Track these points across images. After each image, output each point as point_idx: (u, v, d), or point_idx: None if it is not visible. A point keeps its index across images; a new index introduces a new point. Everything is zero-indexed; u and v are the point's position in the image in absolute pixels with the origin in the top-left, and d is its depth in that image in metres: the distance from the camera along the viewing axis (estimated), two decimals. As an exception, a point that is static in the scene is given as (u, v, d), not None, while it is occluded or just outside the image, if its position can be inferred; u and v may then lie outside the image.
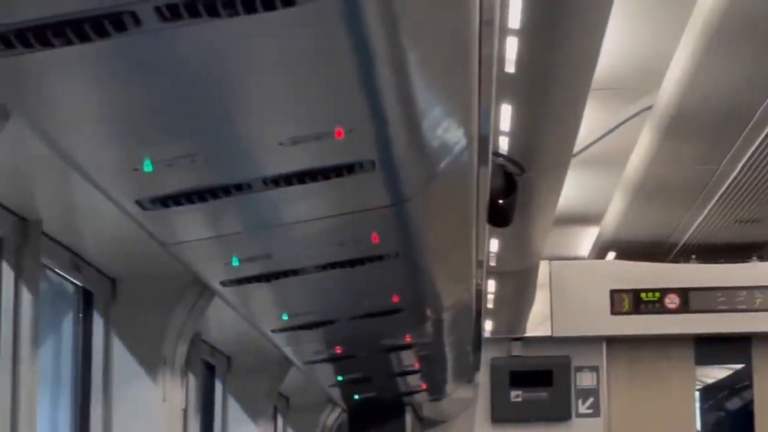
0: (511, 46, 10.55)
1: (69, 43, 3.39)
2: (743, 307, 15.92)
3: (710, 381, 18.21)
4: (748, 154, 12.60)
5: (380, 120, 5.26)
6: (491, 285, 14.14)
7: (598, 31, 10.61)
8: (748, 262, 16.58)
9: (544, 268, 16.66)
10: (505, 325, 17.23)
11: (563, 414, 17.52)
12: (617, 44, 10.83)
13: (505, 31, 10.25)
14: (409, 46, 4.43)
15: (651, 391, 17.33)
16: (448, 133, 6.23)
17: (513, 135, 11.35)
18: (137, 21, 3.30)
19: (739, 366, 17.34)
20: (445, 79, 5.65)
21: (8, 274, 6.70)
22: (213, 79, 4.07)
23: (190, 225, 5.93)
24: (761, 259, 16.27)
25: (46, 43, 3.40)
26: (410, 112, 5.46)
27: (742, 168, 12.78)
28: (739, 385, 17.61)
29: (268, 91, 4.33)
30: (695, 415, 17.45)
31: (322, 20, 3.64)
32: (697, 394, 17.69)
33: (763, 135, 12.76)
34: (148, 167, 4.61)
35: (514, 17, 10.00)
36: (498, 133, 10.27)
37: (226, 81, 4.12)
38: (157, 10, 3.24)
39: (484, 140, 7.24)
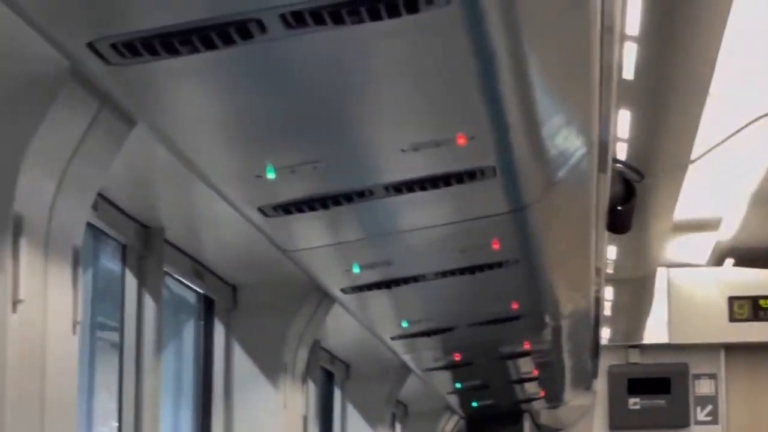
0: (630, 52, 10.54)
1: (195, 51, 3.40)
2: None
3: None
4: None
5: (502, 126, 5.18)
6: (609, 292, 14.02)
7: (715, 36, 10.40)
8: None
9: (661, 275, 16.74)
10: (623, 332, 17.15)
11: (681, 421, 17.42)
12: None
13: (623, 37, 10.19)
14: (531, 52, 4.39)
15: None
16: (569, 139, 6.20)
17: (631, 141, 11.21)
18: (262, 28, 3.29)
19: None
20: (567, 85, 5.59)
21: (131, 282, 6.80)
22: (335, 86, 4.06)
23: (311, 232, 5.91)
24: None
25: (172, 51, 3.43)
26: (531, 119, 5.39)
27: None
28: None
29: (391, 98, 4.29)
30: None
31: (445, 27, 3.61)
32: None
33: None
34: (270, 174, 4.64)
35: (633, 23, 9.95)
36: (616, 139, 10.14)
37: (348, 88, 4.08)
38: (282, 17, 3.23)
39: (603, 147, 7.27)
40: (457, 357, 10.45)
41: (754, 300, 16.24)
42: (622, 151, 10.80)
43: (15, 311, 3.96)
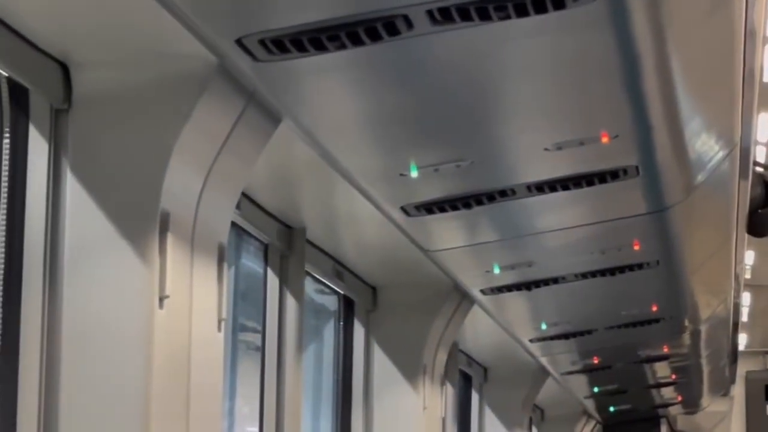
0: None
1: (342, 47, 3.36)
2: None
3: None
4: None
5: (645, 126, 5.12)
6: (746, 297, 13.73)
7: None
8: None
9: None
10: (761, 338, 17.03)
11: None
12: None
13: (766, 41, 9.88)
14: (675, 53, 4.31)
15: None
16: (710, 141, 6.19)
17: None
18: (409, 24, 3.24)
19: None
20: (710, 88, 5.52)
21: (273, 281, 6.74)
22: (479, 84, 4.03)
23: (452, 232, 5.83)
24: None
25: (319, 48, 3.38)
26: (675, 120, 5.30)
27: None
28: None
29: (534, 96, 4.21)
30: None
31: (590, 25, 3.53)
32: None
33: None
34: (414, 173, 4.60)
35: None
36: (756, 142, 9.93)
37: (491, 86, 4.03)
38: (429, 13, 3.17)
39: (745, 150, 7.12)
40: (596, 360, 10.32)
41: None
42: (762, 155, 10.56)
43: (162, 307, 3.97)
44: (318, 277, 6.50)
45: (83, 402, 3.97)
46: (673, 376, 11.49)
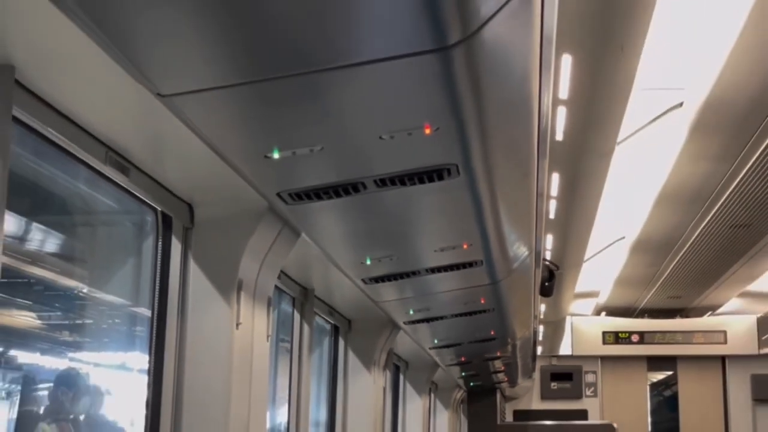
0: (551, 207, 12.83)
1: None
2: (671, 341, 23.61)
3: (654, 380, 25.01)
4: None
5: (487, 236, 5.84)
6: (541, 329, 19.61)
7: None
8: (675, 318, 23.82)
9: (568, 320, 23.77)
10: (548, 348, 23.59)
11: (578, 395, 24.21)
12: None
13: (548, 197, 11.84)
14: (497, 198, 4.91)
15: (625, 384, 24.37)
16: (519, 249, 7.22)
17: (552, 251, 14.23)
18: None
19: (669, 372, 24.56)
20: (519, 216, 6.26)
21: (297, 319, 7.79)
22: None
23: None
24: (683, 316, 23.58)
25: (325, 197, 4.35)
26: (484, 232, 5.88)
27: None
28: (670, 382, 24.94)
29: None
30: (647, 397, 24.71)
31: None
32: (647, 387, 24.78)
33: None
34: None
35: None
36: (544, 248, 12.27)
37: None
38: None
39: (538, 252, 8.82)
40: (463, 359, 12.94)
41: (615, 333, 23.80)
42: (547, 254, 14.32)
43: (237, 329, 5.09)
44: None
45: (197, 383, 5.06)
46: (503, 368, 15.13)
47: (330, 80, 3.17)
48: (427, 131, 3.66)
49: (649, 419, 24.13)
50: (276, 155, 3.78)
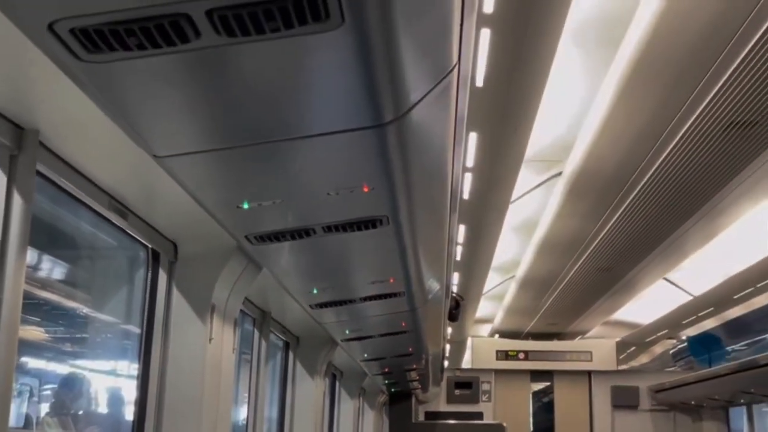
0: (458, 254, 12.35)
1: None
2: (549, 358, 23.15)
3: (536, 389, 24.23)
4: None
5: (409, 279, 5.74)
6: (448, 347, 18.40)
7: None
8: (553, 341, 23.53)
9: (469, 340, 22.81)
10: (452, 361, 22.41)
11: (475, 400, 23.37)
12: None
13: (456, 242, 10.94)
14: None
15: (513, 392, 23.79)
16: (433, 282, 7.14)
17: (459, 285, 14.15)
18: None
19: (548, 383, 23.85)
20: (431, 258, 6.07)
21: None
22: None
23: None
24: (559, 339, 23.32)
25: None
26: (419, 273, 5.89)
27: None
28: (548, 391, 24.12)
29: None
30: (530, 402, 24.06)
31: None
32: (530, 394, 24.16)
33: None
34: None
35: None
36: (451, 283, 12.52)
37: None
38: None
39: (447, 288, 9.02)
40: (387, 370, 12.55)
41: (506, 352, 23.15)
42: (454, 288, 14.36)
43: (210, 343, 5.02)
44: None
45: (176, 386, 4.98)
46: (417, 377, 14.74)
47: (289, 148, 3.14)
48: (365, 190, 3.66)
49: (531, 420, 24.14)
50: (245, 206, 3.72)
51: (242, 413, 7.95)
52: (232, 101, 2.72)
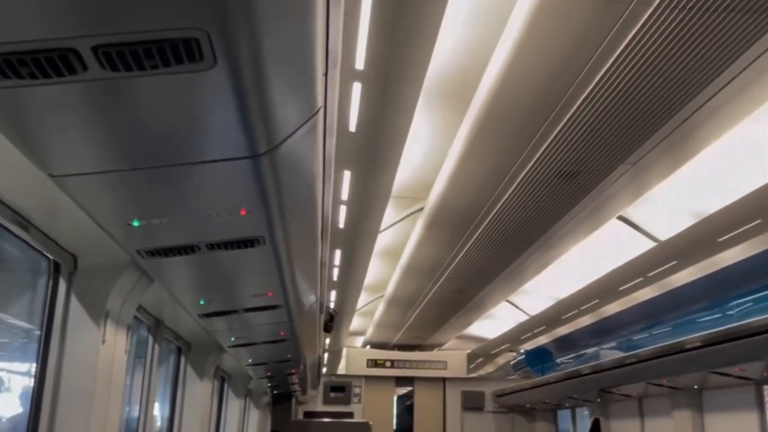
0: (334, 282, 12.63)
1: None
2: (412, 366, 23.28)
3: (400, 393, 24.71)
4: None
5: (287, 291, 5.50)
6: (326, 355, 18.99)
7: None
8: (415, 351, 23.65)
9: (344, 350, 22.48)
10: (329, 368, 22.41)
11: (348, 402, 23.29)
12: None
13: (331, 283, 11.96)
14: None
15: (380, 395, 23.71)
16: (309, 297, 7.08)
17: (336, 302, 13.89)
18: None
19: (410, 388, 24.01)
20: (307, 272, 5.96)
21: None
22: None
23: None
24: (420, 350, 23.51)
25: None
26: (294, 286, 5.68)
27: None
28: (410, 395, 24.31)
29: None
30: (394, 404, 24.10)
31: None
32: (395, 397, 24.30)
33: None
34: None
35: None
36: (327, 298, 12.48)
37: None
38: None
39: (321, 303, 9.06)
40: (269, 374, 12.16)
41: (375, 360, 23.04)
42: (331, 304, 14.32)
43: (103, 344, 4.82)
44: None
45: (71, 382, 4.74)
46: (297, 381, 14.26)
47: (175, 173, 3.04)
48: (243, 213, 3.55)
49: (395, 420, 24.17)
50: (136, 224, 3.59)
51: (135, 411, 7.61)
52: (122, 129, 2.62)
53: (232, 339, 7.71)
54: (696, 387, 11.05)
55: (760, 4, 4.50)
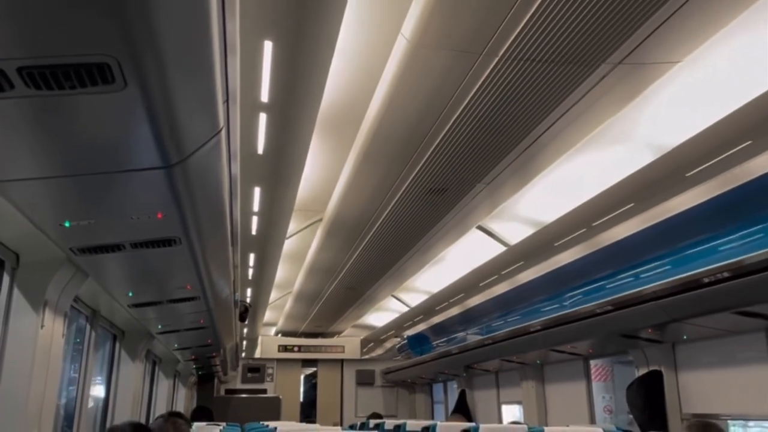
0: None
1: None
2: (316, 351, 22.15)
3: (306, 373, 23.45)
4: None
5: (206, 284, 5.33)
6: (245, 342, 18.19)
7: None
8: (318, 338, 22.42)
9: (260, 338, 21.37)
10: (248, 353, 21.27)
11: (262, 381, 21.85)
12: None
13: (248, 283, 11.55)
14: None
15: (289, 375, 22.42)
16: (225, 290, 6.96)
17: (252, 296, 13.34)
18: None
19: (314, 369, 22.62)
20: (223, 272, 5.83)
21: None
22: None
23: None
24: (322, 337, 22.49)
25: None
26: (213, 286, 5.57)
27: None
28: (314, 375, 22.84)
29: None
30: (301, 383, 22.94)
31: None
32: (302, 376, 23.03)
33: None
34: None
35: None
36: (242, 294, 12.03)
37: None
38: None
39: (236, 297, 8.85)
40: (194, 357, 11.54)
41: (285, 346, 21.78)
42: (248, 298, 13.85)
43: (42, 329, 4.58)
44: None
45: (11, 364, 4.48)
46: (219, 363, 13.95)
47: (99, 180, 2.94)
48: (160, 216, 3.46)
49: (301, 395, 23.91)
50: (67, 225, 3.45)
51: (73, 391, 7.17)
52: (51, 140, 2.53)
53: (160, 327, 7.47)
54: (539, 362, 11.47)
55: (580, 56, 4.74)
